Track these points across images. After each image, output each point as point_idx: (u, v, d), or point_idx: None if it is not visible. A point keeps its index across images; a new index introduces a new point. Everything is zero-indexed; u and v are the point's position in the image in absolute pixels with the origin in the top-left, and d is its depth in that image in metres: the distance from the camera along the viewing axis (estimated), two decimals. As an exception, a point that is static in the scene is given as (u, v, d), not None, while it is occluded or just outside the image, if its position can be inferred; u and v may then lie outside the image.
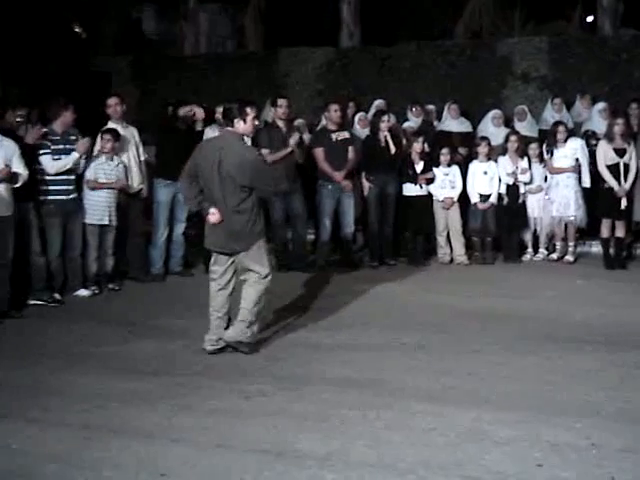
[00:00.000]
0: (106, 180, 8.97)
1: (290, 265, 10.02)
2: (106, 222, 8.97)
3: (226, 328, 6.70)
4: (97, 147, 9.08)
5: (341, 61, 14.33)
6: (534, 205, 10.67)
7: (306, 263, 10.16)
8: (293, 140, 9.82)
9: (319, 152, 10.11)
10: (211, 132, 10.04)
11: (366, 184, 10.36)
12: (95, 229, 8.91)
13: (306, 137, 10.73)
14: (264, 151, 9.83)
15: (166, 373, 6.22)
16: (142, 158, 9.67)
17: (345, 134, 10.27)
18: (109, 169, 8.99)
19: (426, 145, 10.64)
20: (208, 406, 5.48)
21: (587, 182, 10.49)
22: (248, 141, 6.89)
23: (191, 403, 5.54)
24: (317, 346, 6.91)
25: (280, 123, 9.99)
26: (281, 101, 10.06)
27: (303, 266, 10.04)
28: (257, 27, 18.58)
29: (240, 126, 6.60)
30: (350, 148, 10.18)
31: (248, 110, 6.58)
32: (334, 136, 10.15)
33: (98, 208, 8.89)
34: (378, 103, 11.84)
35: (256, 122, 6.74)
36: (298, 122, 11.16)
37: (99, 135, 9.08)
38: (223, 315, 6.74)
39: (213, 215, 6.60)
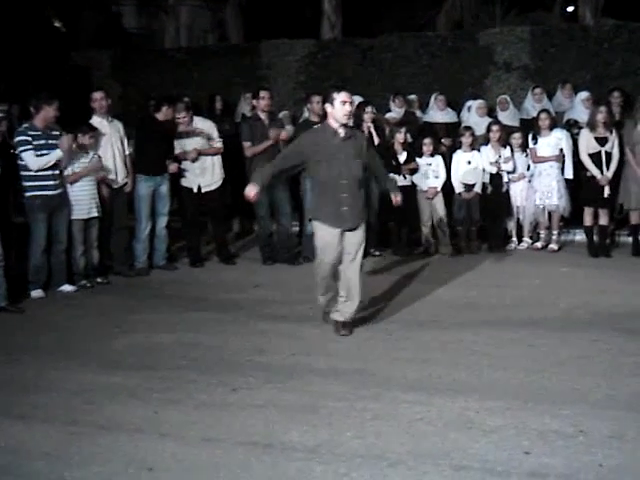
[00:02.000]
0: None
1: (275, 257, 10.02)
2: (95, 214, 8.94)
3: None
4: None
5: (323, 53, 14.27)
6: (517, 194, 10.70)
7: (291, 255, 10.15)
8: (273, 134, 9.78)
9: (302, 144, 10.08)
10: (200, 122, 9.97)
11: (350, 175, 10.33)
12: (81, 224, 8.87)
13: (289, 129, 10.71)
14: (246, 144, 9.87)
15: (153, 367, 6.19)
16: (127, 152, 9.63)
17: (328, 126, 10.23)
18: (86, 161, 8.93)
19: (409, 135, 10.64)
20: (195, 400, 5.47)
21: (570, 173, 10.54)
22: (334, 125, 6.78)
23: (178, 397, 5.52)
24: (303, 338, 6.91)
25: (262, 115, 9.96)
26: (263, 93, 10.02)
27: (288, 258, 10.03)
28: (238, 20, 18.55)
29: (329, 110, 6.78)
30: (333, 139, 10.14)
31: (334, 95, 6.73)
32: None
33: (83, 201, 8.85)
34: (355, 98, 11.80)
35: (347, 107, 6.72)
36: (283, 114, 11.15)
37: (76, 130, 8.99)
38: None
39: None
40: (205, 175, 9.93)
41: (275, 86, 13.14)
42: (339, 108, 6.68)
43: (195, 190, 9.92)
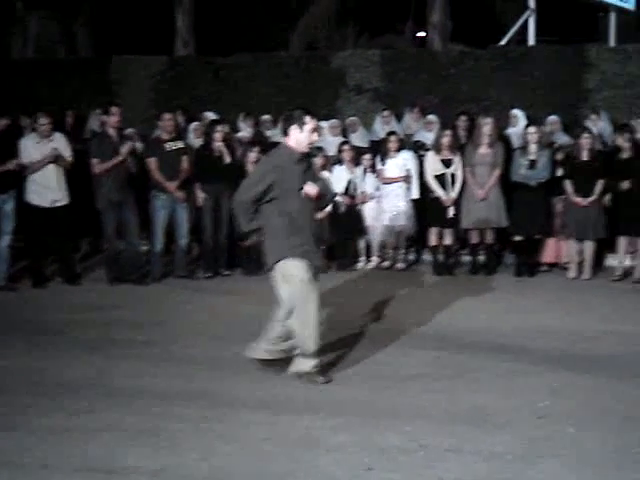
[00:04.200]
0: None
1: (123, 277, 9.81)
2: None
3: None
4: None
5: (175, 70, 14.16)
6: (367, 214, 10.90)
7: (139, 275, 9.97)
8: (125, 149, 9.63)
9: (152, 162, 9.95)
10: (29, 142, 9.62)
11: (200, 194, 10.27)
12: None
13: (138, 146, 10.56)
14: (94, 161, 9.65)
15: (-12, 393, 5.94)
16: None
17: (179, 144, 10.16)
18: None
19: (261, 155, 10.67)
20: (33, 425, 5.27)
21: (415, 194, 10.84)
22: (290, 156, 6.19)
23: (13, 423, 5.31)
24: (148, 359, 6.79)
25: (111, 132, 9.77)
26: (114, 109, 9.83)
27: (136, 278, 9.85)
28: (88, 33, 18.18)
29: (295, 133, 6.17)
30: (184, 158, 10.08)
31: (307, 119, 6.16)
32: (167, 146, 10.02)
33: None
34: (207, 114, 11.83)
35: (315, 136, 6.28)
36: (129, 131, 10.95)
37: None
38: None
39: None
40: (59, 190, 9.64)
41: (126, 102, 12.87)
42: (307, 135, 6.16)
43: (48, 206, 9.60)
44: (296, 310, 6.12)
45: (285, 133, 6.27)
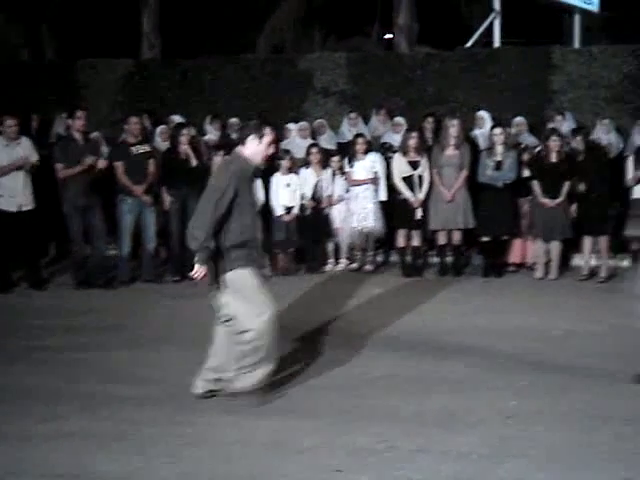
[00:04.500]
0: None
1: (90, 281, 9.73)
2: None
3: None
4: None
5: (141, 73, 14.08)
6: (336, 216, 10.91)
7: (106, 279, 9.90)
8: (88, 160, 9.55)
9: (118, 166, 9.88)
10: None
11: (167, 197, 10.22)
12: None
13: (104, 150, 10.49)
14: (58, 166, 9.58)
15: (-47, 400, 5.87)
16: None
17: (145, 147, 10.10)
18: None
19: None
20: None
21: (383, 196, 10.86)
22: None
23: (-21, 430, 5.26)
24: (115, 363, 6.76)
25: (77, 135, 9.70)
26: (79, 113, 9.76)
27: (103, 282, 9.79)
28: (53, 36, 18.03)
29: (253, 145, 5.83)
30: (150, 161, 10.02)
31: (267, 131, 5.84)
32: (134, 149, 9.96)
33: None
34: (174, 118, 11.77)
35: (271, 150, 5.98)
36: (95, 135, 10.87)
37: None
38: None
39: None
40: (25, 194, 9.55)
41: (92, 106, 12.77)
42: (264, 148, 5.86)
43: (15, 210, 9.51)
44: (252, 318, 5.80)
45: (242, 142, 5.93)
